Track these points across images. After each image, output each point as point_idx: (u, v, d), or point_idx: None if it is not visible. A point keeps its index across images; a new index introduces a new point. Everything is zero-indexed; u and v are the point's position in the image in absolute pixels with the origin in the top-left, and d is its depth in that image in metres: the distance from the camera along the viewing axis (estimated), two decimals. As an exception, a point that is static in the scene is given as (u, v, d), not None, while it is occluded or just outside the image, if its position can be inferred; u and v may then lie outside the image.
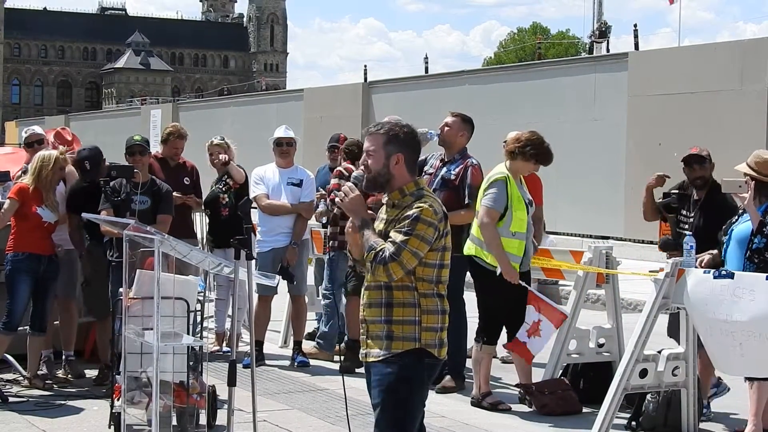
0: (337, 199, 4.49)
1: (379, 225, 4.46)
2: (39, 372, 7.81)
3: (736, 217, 6.52)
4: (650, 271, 6.94)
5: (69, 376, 7.91)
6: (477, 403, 7.35)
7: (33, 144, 8.03)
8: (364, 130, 4.64)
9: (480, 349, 7.37)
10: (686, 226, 7.21)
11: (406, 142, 4.43)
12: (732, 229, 6.42)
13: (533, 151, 7.23)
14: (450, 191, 7.70)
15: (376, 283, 4.38)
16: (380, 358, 4.36)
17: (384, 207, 4.50)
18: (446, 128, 7.92)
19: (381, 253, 4.26)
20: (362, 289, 4.48)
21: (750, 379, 6.37)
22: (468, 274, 7.58)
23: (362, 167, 4.49)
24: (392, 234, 4.30)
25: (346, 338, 8.63)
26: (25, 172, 7.93)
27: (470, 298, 7.95)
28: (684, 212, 7.32)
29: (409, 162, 4.44)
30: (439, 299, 4.42)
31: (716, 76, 17.43)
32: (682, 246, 6.68)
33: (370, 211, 4.50)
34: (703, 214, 7.18)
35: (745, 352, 5.90)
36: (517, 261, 7.16)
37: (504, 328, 7.43)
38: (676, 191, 7.52)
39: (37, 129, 8.44)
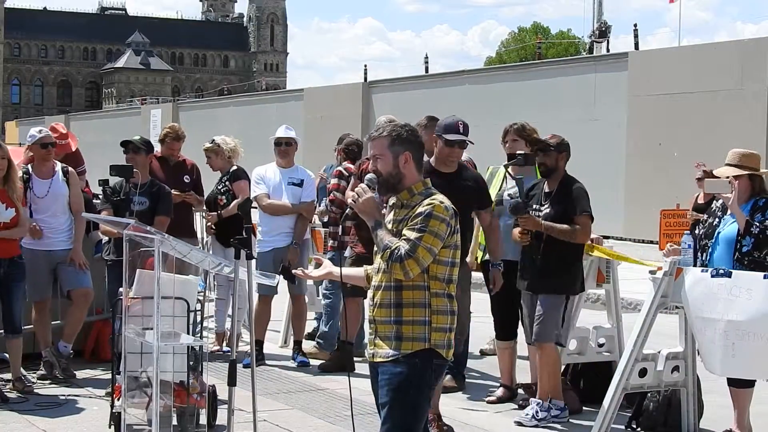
0: (349, 200, 4.50)
1: (387, 226, 4.48)
2: (40, 371, 7.83)
3: (718, 220, 6.45)
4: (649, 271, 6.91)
5: (57, 372, 7.87)
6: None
7: (47, 146, 8.02)
8: (365, 137, 4.67)
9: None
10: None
11: (410, 140, 4.47)
12: (719, 233, 6.37)
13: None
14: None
15: (386, 284, 4.40)
16: (389, 359, 4.37)
17: (392, 208, 4.52)
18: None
19: (396, 251, 4.27)
20: (371, 290, 4.50)
21: (732, 385, 6.37)
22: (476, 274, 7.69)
23: (372, 173, 4.51)
24: (405, 232, 4.32)
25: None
26: (26, 172, 7.93)
27: (476, 298, 7.96)
28: (535, 206, 7.01)
29: (417, 159, 4.48)
30: (449, 300, 4.43)
31: (716, 76, 17.44)
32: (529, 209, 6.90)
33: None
34: (555, 207, 6.93)
35: (737, 353, 5.89)
36: (481, 249, 7.49)
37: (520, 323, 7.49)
38: (522, 153, 7.27)
39: (50, 132, 8.41)
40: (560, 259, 6.84)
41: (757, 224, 6.13)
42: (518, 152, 7.32)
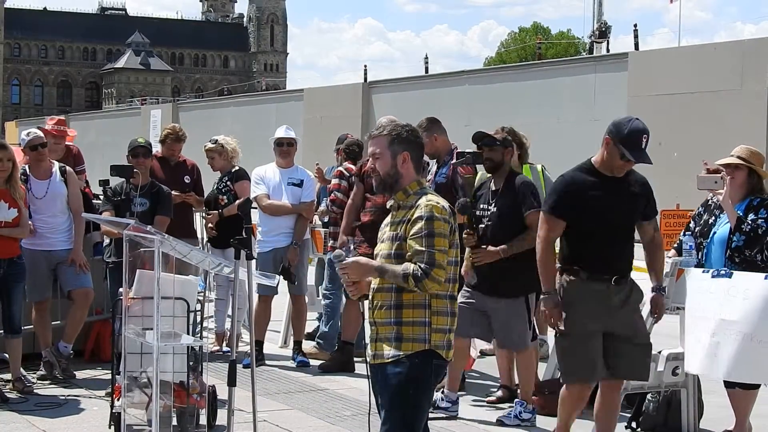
0: (342, 278, 4.47)
1: (386, 230, 4.49)
2: (40, 372, 7.84)
3: (714, 218, 6.44)
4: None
5: (57, 372, 7.86)
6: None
7: (37, 147, 8.00)
8: (366, 135, 4.68)
9: None
10: (486, 219, 6.89)
11: (410, 140, 4.49)
12: (714, 233, 6.37)
13: None
14: (444, 195, 7.66)
15: (386, 286, 4.41)
16: (390, 360, 4.38)
17: (389, 210, 4.54)
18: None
19: (416, 271, 4.28)
20: (371, 292, 4.49)
21: (730, 386, 6.35)
22: None
23: (371, 171, 4.52)
24: (412, 243, 4.31)
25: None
26: (23, 173, 7.92)
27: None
28: (483, 205, 6.92)
29: (415, 159, 4.49)
30: (450, 301, 4.44)
31: (716, 76, 17.45)
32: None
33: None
34: (502, 203, 6.86)
35: (720, 353, 5.88)
36: None
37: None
38: (471, 152, 7.27)
39: (39, 132, 8.39)
40: (514, 260, 6.75)
41: (749, 222, 6.14)
42: (467, 151, 7.32)
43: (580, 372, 5.66)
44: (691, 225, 6.61)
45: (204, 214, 9.36)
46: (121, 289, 6.12)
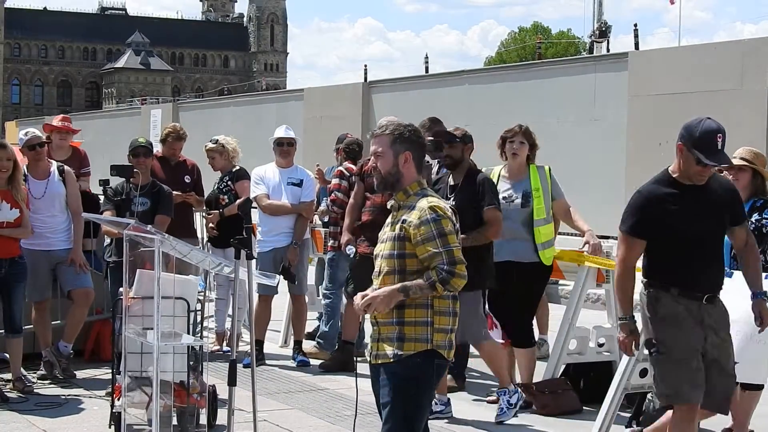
0: (362, 309, 4.45)
1: (386, 230, 4.49)
2: (40, 371, 7.84)
3: None
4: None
5: (57, 372, 7.86)
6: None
7: (35, 147, 8.00)
8: (368, 134, 4.68)
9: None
10: None
11: (412, 140, 4.50)
12: None
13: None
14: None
15: (389, 286, 4.40)
16: (392, 360, 4.38)
17: (390, 210, 4.55)
18: None
19: (441, 275, 4.30)
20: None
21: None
22: None
23: (372, 170, 4.53)
24: (428, 248, 4.31)
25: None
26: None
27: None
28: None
29: (417, 159, 4.50)
30: (452, 301, 4.45)
31: (716, 76, 17.43)
32: None
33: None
34: (461, 198, 6.86)
35: None
36: None
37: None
38: (431, 140, 7.25)
39: (37, 132, 8.38)
40: (467, 255, 6.75)
41: (753, 222, 6.15)
42: (428, 138, 7.37)
43: (688, 394, 5.03)
44: None
45: (204, 214, 9.37)
46: (121, 289, 6.13)
